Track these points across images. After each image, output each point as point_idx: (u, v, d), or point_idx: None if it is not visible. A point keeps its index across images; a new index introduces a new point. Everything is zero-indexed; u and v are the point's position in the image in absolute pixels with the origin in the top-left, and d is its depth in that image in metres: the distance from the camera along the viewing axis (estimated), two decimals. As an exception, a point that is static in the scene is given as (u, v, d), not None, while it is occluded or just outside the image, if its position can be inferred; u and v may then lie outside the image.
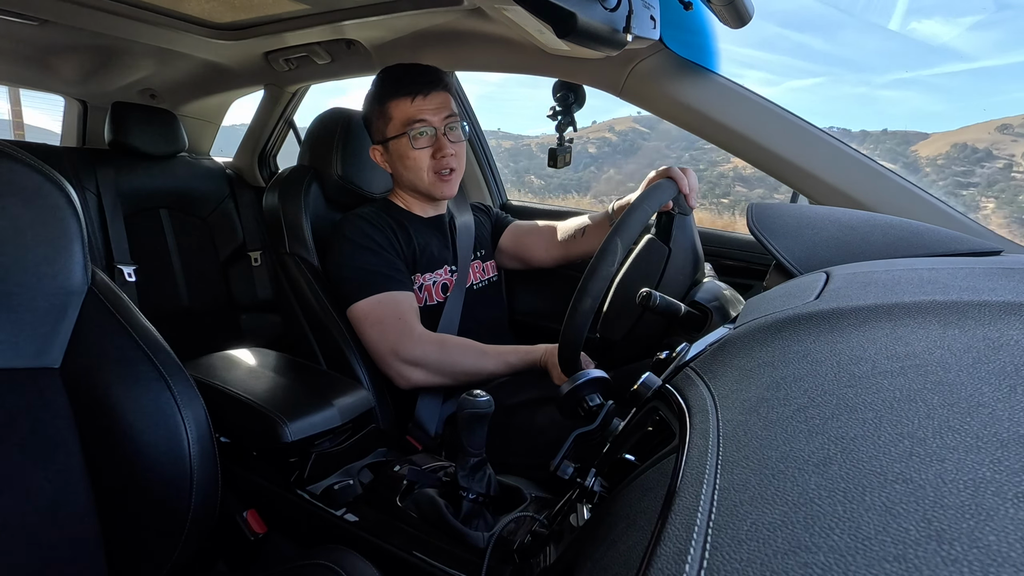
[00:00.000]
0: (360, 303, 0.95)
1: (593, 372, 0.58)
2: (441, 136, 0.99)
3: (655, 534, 0.23)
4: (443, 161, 0.99)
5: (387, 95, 0.99)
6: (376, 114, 1.01)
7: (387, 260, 0.97)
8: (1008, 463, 0.18)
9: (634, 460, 0.38)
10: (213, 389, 0.81)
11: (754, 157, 0.92)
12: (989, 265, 0.39)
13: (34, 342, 0.59)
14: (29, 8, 1.17)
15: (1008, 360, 0.24)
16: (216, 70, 1.59)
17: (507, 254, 1.21)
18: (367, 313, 0.95)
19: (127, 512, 0.62)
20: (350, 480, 0.80)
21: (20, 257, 0.59)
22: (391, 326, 0.93)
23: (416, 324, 0.95)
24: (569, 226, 1.15)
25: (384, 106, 0.99)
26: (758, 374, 0.30)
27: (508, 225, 1.23)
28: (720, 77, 0.94)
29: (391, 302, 0.95)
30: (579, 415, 0.58)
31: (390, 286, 0.96)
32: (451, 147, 0.99)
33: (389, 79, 1.00)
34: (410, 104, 0.97)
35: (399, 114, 0.98)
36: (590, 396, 0.58)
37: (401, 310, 0.95)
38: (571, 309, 0.69)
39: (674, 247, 0.81)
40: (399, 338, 0.93)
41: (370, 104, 1.03)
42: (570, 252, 1.15)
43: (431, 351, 0.93)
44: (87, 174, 1.51)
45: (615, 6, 0.71)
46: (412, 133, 0.97)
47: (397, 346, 0.93)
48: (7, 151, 0.60)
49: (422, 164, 0.99)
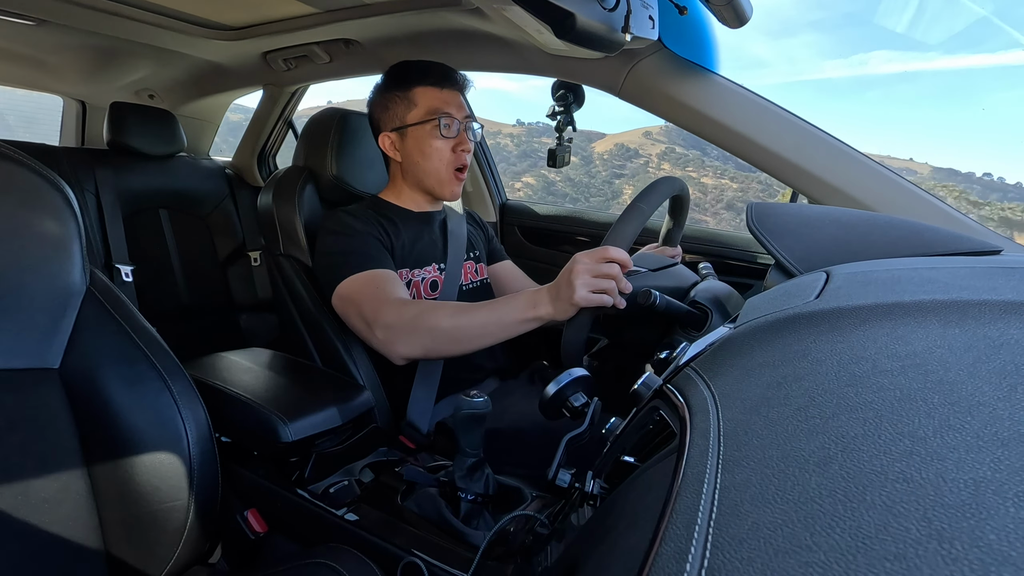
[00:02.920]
0: (341, 284, 0.92)
1: (576, 371, 0.57)
2: (463, 131, 0.99)
3: (656, 533, 0.23)
4: (462, 156, 0.99)
5: (413, 81, 0.98)
6: (395, 100, 0.99)
7: (367, 242, 0.95)
8: (1008, 462, 0.18)
9: (634, 460, 0.38)
10: (213, 389, 0.80)
11: (754, 157, 0.92)
12: (989, 264, 0.39)
13: (33, 342, 0.59)
14: (28, 8, 1.17)
15: (1008, 359, 0.24)
16: (215, 70, 1.59)
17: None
18: (348, 292, 0.91)
19: (127, 512, 0.62)
20: (350, 480, 0.80)
21: (18, 258, 0.59)
22: (369, 298, 0.89)
23: (394, 292, 0.89)
24: None
25: (408, 91, 0.98)
26: (758, 373, 0.30)
27: (499, 261, 1.21)
28: (719, 77, 0.94)
29: (369, 277, 0.91)
30: (564, 416, 0.58)
31: (369, 264, 0.92)
32: (469, 143, 1.00)
33: (415, 67, 0.99)
34: (439, 92, 0.97)
35: (426, 101, 0.97)
36: (574, 396, 0.57)
37: (379, 282, 0.90)
38: (628, 207, 0.75)
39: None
40: (376, 307, 0.87)
41: (387, 90, 1.01)
42: None
43: (406, 312, 0.85)
44: (86, 174, 1.51)
45: (614, 6, 0.71)
46: (442, 121, 0.96)
47: (376, 315, 0.87)
48: (5, 152, 0.59)
49: (443, 155, 0.98)
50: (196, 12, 1.18)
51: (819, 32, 38.04)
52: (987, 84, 42.49)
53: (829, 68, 27.08)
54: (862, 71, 26.22)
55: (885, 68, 23.02)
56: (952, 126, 39.43)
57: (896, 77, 40.15)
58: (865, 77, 33.70)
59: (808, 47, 29.68)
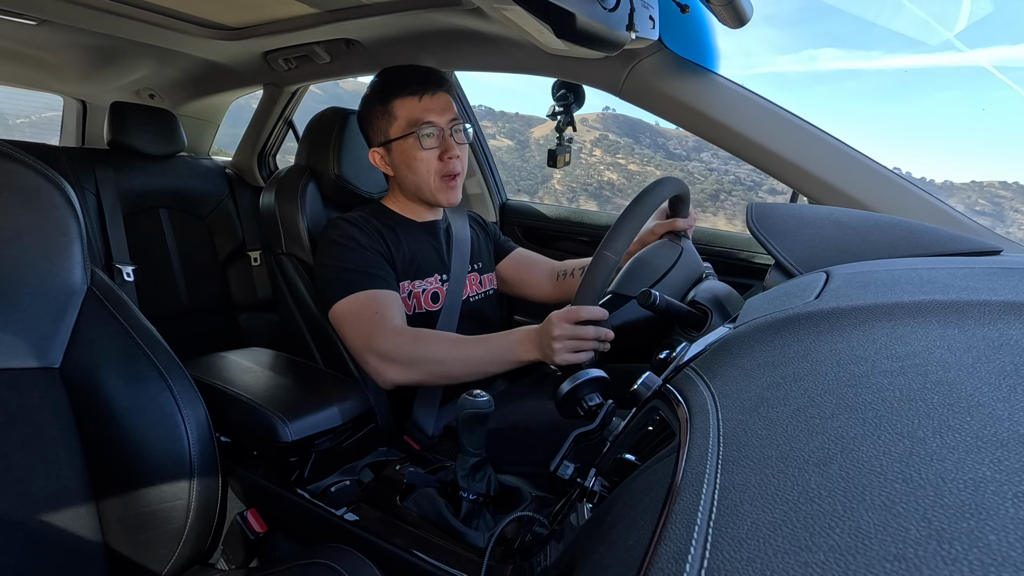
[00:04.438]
0: (340, 302, 0.93)
1: (592, 372, 0.58)
2: (448, 137, 0.97)
3: (656, 533, 0.23)
4: (450, 163, 0.97)
5: (392, 93, 0.96)
6: (378, 114, 0.98)
7: (369, 260, 0.95)
8: (1008, 463, 0.18)
9: (634, 460, 0.38)
10: (213, 389, 0.80)
11: (754, 157, 0.92)
12: (989, 265, 0.39)
13: (34, 342, 0.59)
14: (29, 8, 1.17)
15: (1008, 360, 0.24)
16: (215, 70, 1.59)
17: (504, 280, 1.19)
18: (345, 310, 0.92)
19: (127, 512, 0.62)
20: (350, 480, 0.80)
21: (19, 257, 0.59)
22: (366, 321, 0.90)
23: (392, 319, 0.90)
24: (567, 265, 1.15)
25: (388, 105, 0.96)
26: (758, 374, 0.30)
27: (510, 252, 1.20)
28: (720, 77, 0.94)
29: (369, 299, 0.92)
30: (578, 415, 0.59)
31: (370, 284, 0.93)
32: (457, 148, 0.97)
33: (393, 78, 0.97)
34: (417, 103, 0.95)
35: (405, 113, 0.95)
36: (589, 396, 0.58)
37: (378, 305, 0.91)
38: (595, 256, 0.74)
39: (685, 248, 0.88)
40: (372, 332, 0.89)
41: (370, 104, 0.99)
42: (565, 290, 1.13)
43: (403, 343, 0.87)
44: (86, 174, 1.51)
45: (614, 6, 0.71)
46: (421, 133, 0.94)
47: (370, 340, 0.89)
48: (6, 151, 0.60)
49: (430, 166, 0.96)
50: (197, 12, 1.18)
51: (772, 27, 38.25)
52: (925, 83, 43.60)
53: (781, 62, 27.35)
54: (812, 67, 26.51)
55: (833, 65, 23.44)
56: (882, 122, 40.49)
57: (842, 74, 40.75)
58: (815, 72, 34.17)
59: (762, 41, 30.21)
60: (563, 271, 1.15)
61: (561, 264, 1.16)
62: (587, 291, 0.74)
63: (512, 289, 1.20)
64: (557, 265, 1.17)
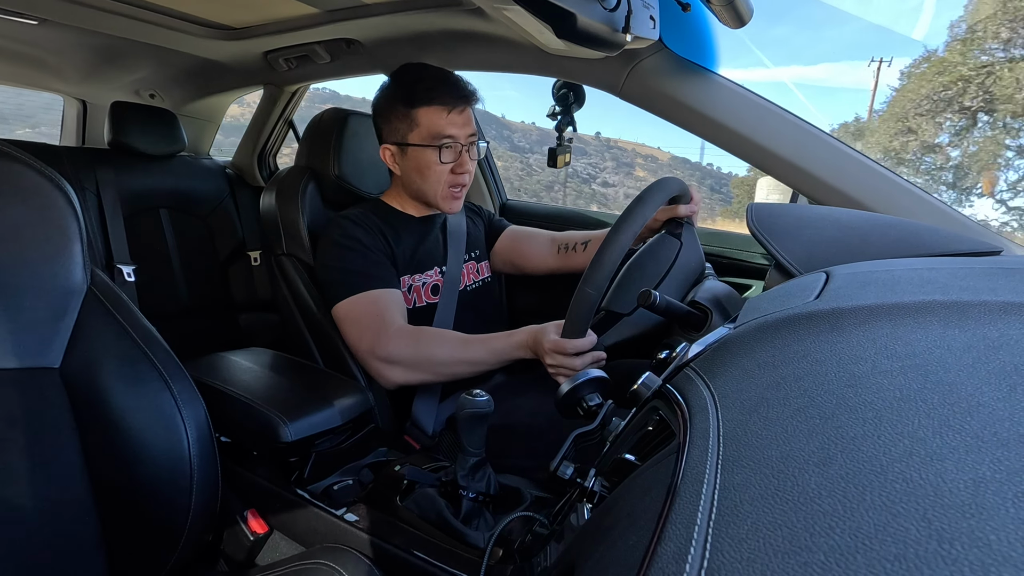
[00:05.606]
0: (342, 303, 0.93)
1: (592, 372, 0.58)
2: (464, 153, 0.97)
3: (656, 534, 0.23)
4: (461, 177, 0.98)
5: (419, 100, 0.94)
6: (400, 115, 0.96)
7: (372, 260, 0.96)
8: (1008, 462, 0.18)
9: (634, 460, 0.38)
10: (213, 389, 0.81)
11: (754, 157, 0.92)
12: (989, 265, 0.39)
13: (34, 342, 0.59)
14: (29, 8, 1.17)
15: (1008, 360, 0.24)
16: (216, 69, 1.59)
17: (502, 258, 1.19)
18: (348, 312, 0.93)
19: (127, 512, 0.62)
20: (350, 480, 0.80)
21: (19, 257, 0.59)
22: (369, 323, 0.91)
23: (395, 320, 0.91)
24: (570, 237, 1.14)
25: (413, 110, 0.95)
26: (758, 374, 0.30)
27: (504, 229, 1.21)
28: (720, 77, 0.94)
29: (372, 300, 0.93)
30: (578, 415, 0.59)
31: (373, 285, 0.94)
32: (469, 163, 0.98)
33: (422, 84, 0.95)
34: (444, 116, 0.94)
35: (429, 123, 0.94)
36: (589, 396, 0.58)
37: (380, 307, 0.92)
38: (576, 292, 0.73)
39: (684, 242, 0.86)
40: (376, 335, 0.90)
41: (391, 103, 0.98)
42: (568, 263, 1.13)
43: (405, 345, 0.89)
44: (86, 174, 1.51)
45: (614, 6, 0.71)
46: (443, 146, 0.94)
47: (374, 343, 0.90)
48: (7, 151, 0.60)
49: (441, 177, 0.97)
50: (197, 12, 1.18)
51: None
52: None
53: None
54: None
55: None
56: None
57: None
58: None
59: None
60: (564, 243, 1.14)
61: (562, 236, 1.16)
62: (572, 327, 0.76)
63: (509, 265, 1.20)
64: (557, 236, 1.16)
